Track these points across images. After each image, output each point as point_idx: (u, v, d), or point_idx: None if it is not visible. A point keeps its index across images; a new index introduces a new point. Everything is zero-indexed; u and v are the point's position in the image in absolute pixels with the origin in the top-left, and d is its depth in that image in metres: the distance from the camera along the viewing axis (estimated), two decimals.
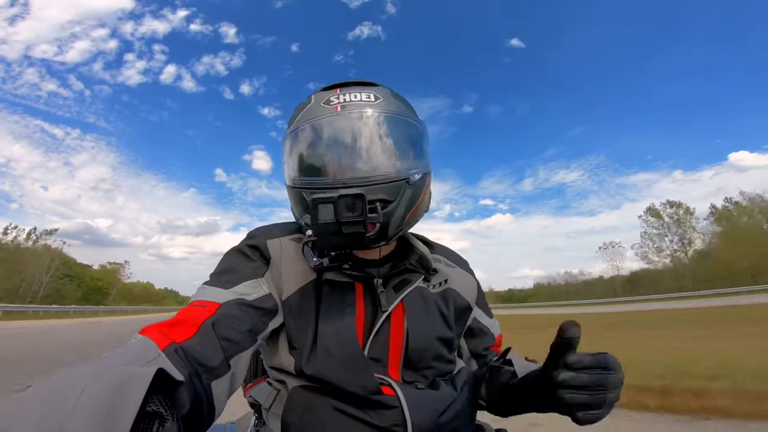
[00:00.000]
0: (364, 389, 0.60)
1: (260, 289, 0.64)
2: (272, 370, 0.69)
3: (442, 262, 0.80)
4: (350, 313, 0.66)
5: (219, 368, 0.52)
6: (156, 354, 0.45)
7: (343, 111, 0.66)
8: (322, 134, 0.66)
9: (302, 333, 0.64)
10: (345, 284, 0.68)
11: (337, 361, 0.61)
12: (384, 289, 0.69)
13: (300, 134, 0.68)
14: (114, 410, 0.31)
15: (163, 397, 0.38)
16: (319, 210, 0.57)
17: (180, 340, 0.49)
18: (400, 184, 0.64)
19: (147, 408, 0.35)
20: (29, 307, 26.60)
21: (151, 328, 0.51)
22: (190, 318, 0.54)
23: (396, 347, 0.66)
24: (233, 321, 0.57)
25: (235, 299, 0.60)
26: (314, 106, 0.68)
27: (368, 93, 0.69)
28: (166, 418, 0.36)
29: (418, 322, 0.68)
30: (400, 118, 0.69)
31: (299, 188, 0.67)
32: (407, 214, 0.66)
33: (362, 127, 0.66)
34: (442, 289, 0.76)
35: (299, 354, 0.63)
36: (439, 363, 0.70)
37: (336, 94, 0.69)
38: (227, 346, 0.54)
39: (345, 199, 0.57)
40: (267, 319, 0.63)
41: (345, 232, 0.58)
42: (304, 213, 0.66)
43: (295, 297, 0.66)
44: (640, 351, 5.18)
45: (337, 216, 0.57)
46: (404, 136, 0.69)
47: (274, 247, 0.69)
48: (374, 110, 0.67)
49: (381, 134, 0.67)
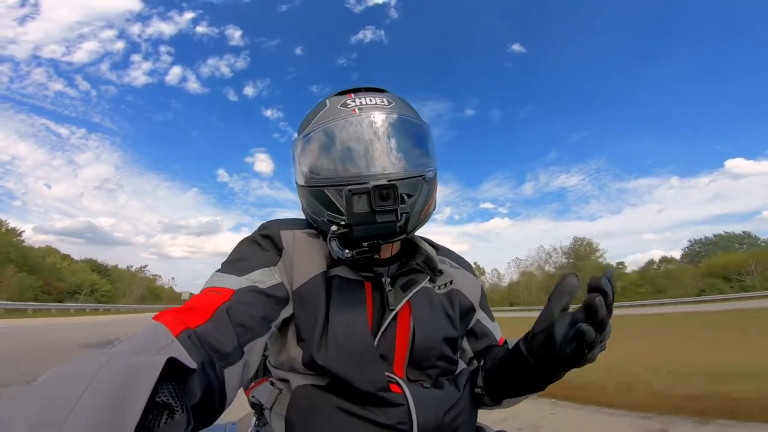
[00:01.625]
0: (372, 385, 0.60)
1: (273, 278, 0.64)
2: (276, 369, 0.70)
3: (447, 263, 0.81)
4: (361, 309, 0.66)
5: (232, 355, 0.51)
6: (169, 340, 0.45)
7: (361, 113, 0.70)
8: (347, 133, 0.69)
9: (312, 324, 0.64)
10: (355, 281, 0.69)
11: (348, 353, 0.61)
12: (392, 288, 0.70)
13: (323, 134, 0.70)
14: (122, 401, 0.30)
15: (174, 387, 0.37)
16: (354, 200, 0.60)
17: (194, 326, 0.49)
18: (418, 180, 0.69)
19: (156, 399, 0.35)
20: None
21: (165, 313, 0.51)
22: (204, 304, 0.54)
23: (402, 346, 0.67)
24: (248, 307, 0.57)
25: (248, 286, 0.60)
26: (331, 109, 0.72)
27: (381, 98, 0.73)
28: (176, 409, 0.35)
29: (424, 321, 0.69)
30: (412, 120, 0.74)
31: (321, 186, 0.68)
32: (423, 209, 0.71)
33: (382, 127, 0.70)
34: (448, 290, 0.76)
35: (308, 345, 0.63)
36: (444, 362, 0.70)
37: (351, 98, 0.73)
38: (241, 332, 0.54)
39: (379, 189, 0.60)
40: (279, 307, 0.63)
41: (379, 221, 0.60)
42: (325, 210, 0.67)
43: (306, 288, 0.66)
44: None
45: (372, 205, 0.59)
46: (417, 136, 0.74)
47: (288, 238, 0.70)
48: (389, 113, 0.71)
49: (399, 134, 0.71)
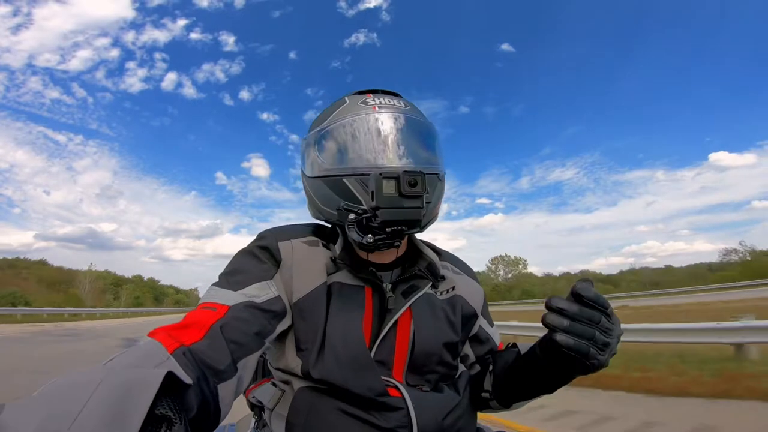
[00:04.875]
0: (370, 390, 0.60)
1: (269, 292, 0.63)
2: (277, 371, 0.69)
3: (450, 269, 0.80)
4: (358, 316, 0.66)
5: (226, 371, 0.52)
6: (165, 357, 0.45)
7: (381, 110, 0.71)
8: (371, 126, 0.70)
9: (310, 335, 0.64)
10: (355, 287, 0.68)
11: (344, 362, 0.61)
12: (393, 294, 0.70)
13: (346, 126, 0.70)
14: (122, 412, 0.31)
15: (172, 400, 0.37)
16: (384, 183, 0.61)
17: (189, 343, 0.49)
18: (434, 178, 0.70)
19: (156, 411, 0.35)
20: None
21: (160, 330, 0.51)
22: (199, 320, 0.54)
23: (402, 352, 0.67)
24: (242, 324, 0.57)
25: (244, 302, 0.60)
26: (351, 105, 0.73)
27: (398, 100, 0.75)
28: (174, 422, 0.36)
29: (424, 328, 0.68)
30: (427, 123, 0.76)
31: (341, 175, 0.67)
32: (435, 207, 0.72)
33: (405, 125, 0.71)
34: (450, 296, 0.76)
35: (306, 356, 0.63)
36: (443, 368, 0.70)
37: (370, 97, 0.74)
38: (235, 348, 0.54)
39: (408, 175, 0.61)
40: (275, 321, 0.63)
41: (406, 206, 0.61)
42: (342, 200, 0.66)
43: (306, 300, 0.65)
44: None
45: (400, 189, 0.60)
46: (432, 138, 0.76)
47: (286, 249, 0.68)
48: (408, 114, 0.73)
49: (418, 133, 0.73)
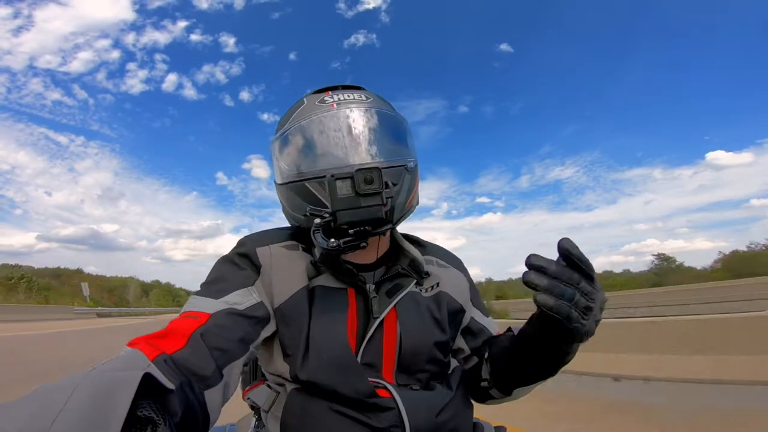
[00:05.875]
0: (358, 393, 0.60)
1: (251, 298, 0.62)
2: (270, 374, 0.69)
3: (434, 263, 0.79)
4: (341, 319, 0.65)
5: (211, 378, 0.51)
6: (145, 364, 0.43)
7: (339, 107, 0.70)
8: (326, 126, 0.68)
9: (295, 340, 0.63)
10: (337, 290, 0.67)
11: (330, 365, 0.61)
12: (376, 295, 0.68)
13: (302, 129, 0.70)
14: (103, 411, 0.31)
15: (154, 403, 0.37)
16: (338, 185, 0.59)
17: (170, 351, 0.48)
18: (400, 170, 0.69)
19: (138, 412, 0.35)
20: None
21: (140, 340, 0.49)
22: (179, 329, 0.53)
23: (389, 352, 0.66)
24: (224, 331, 0.56)
25: (225, 309, 0.59)
26: (309, 105, 0.72)
27: (358, 94, 0.74)
28: (159, 423, 0.36)
29: (410, 327, 0.67)
30: (390, 114, 0.74)
31: (303, 180, 0.67)
32: (407, 200, 0.71)
33: (362, 120, 0.70)
34: (435, 293, 0.74)
35: (293, 361, 0.63)
36: (433, 366, 0.69)
37: (329, 95, 0.73)
38: (219, 355, 0.53)
39: (363, 173, 0.59)
40: (259, 327, 0.62)
41: (364, 205, 0.59)
42: (308, 205, 0.64)
43: (288, 304, 0.65)
44: None
45: (356, 189, 0.58)
46: (396, 129, 0.74)
47: (264, 255, 0.67)
48: (368, 107, 0.71)
49: (378, 127, 0.71)
